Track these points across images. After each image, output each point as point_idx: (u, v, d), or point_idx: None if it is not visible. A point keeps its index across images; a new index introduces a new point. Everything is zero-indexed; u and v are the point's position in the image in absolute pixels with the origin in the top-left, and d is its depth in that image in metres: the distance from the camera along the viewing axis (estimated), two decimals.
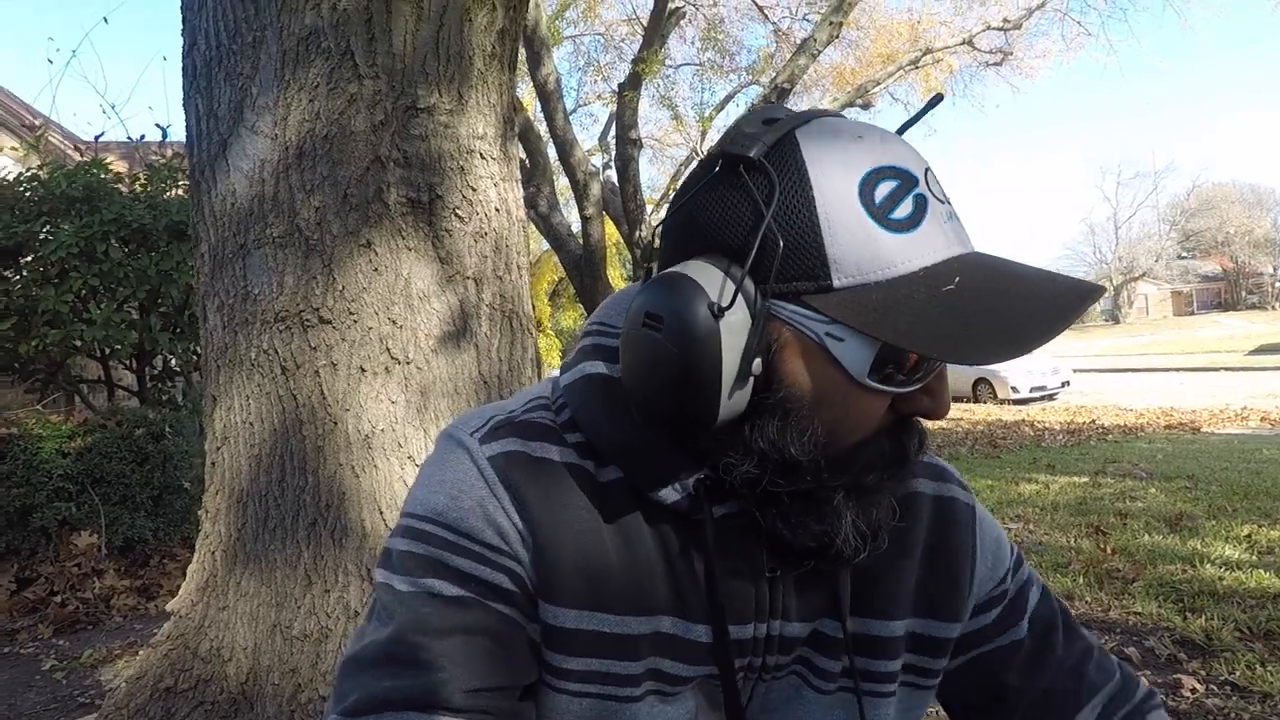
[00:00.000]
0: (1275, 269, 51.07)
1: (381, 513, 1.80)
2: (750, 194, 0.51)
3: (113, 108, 34.46)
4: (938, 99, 0.60)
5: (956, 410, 12.58)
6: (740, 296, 0.51)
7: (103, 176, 4.87)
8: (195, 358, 5.18)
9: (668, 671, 0.59)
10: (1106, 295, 52.37)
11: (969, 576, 0.67)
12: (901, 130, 0.58)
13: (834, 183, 0.50)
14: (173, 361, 5.53)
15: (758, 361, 0.52)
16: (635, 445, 0.58)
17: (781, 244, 0.50)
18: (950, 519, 0.67)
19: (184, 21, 1.93)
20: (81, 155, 6.52)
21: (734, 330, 0.51)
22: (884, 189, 0.50)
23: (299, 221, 1.76)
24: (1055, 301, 0.48)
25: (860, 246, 0.49)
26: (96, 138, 6.99)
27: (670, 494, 0.57)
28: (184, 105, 1.93)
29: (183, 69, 1.92)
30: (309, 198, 1.76)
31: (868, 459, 0.54)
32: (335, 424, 1.79)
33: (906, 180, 0.51)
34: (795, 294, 0.51)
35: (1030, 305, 0.48)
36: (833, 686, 0.63)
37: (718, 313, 0.50)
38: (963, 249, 0.52)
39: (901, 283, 0.49)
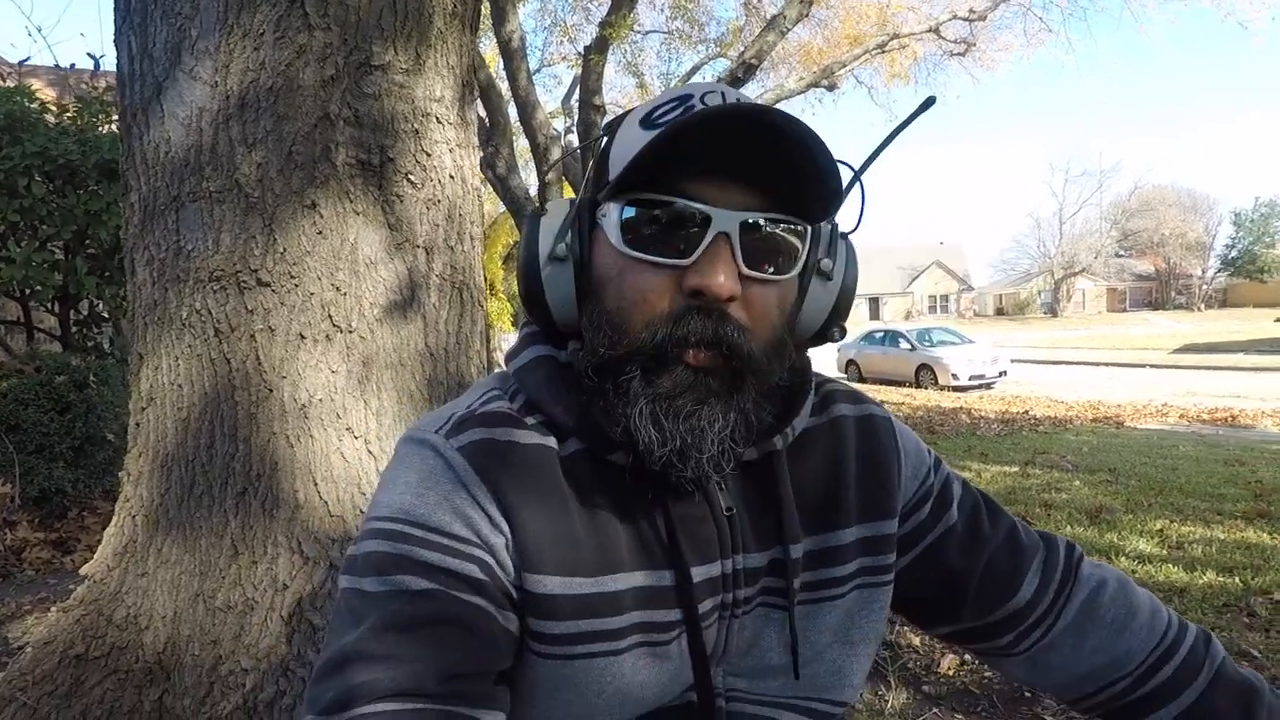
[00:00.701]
0: (1204, 272, 53.55)
1: (316, 485, 1.75)
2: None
3: (39, 31, 31.95)
4: (930, 101, 0.63)
5: (898, 395, 12.90)
6: (567, 205, 0.65)
7: (28, 105, 4.55)
8: (125, 303, 4.94)
9: (651, 621, 0.63)
10: (1046, 289, 54.24)
11: (897, 477, 0.73)
12: (893, 135, 0.63)
13: (631, 119, 0.64)
14: (100, 306, 5.26)
15: (563, 246, 0.63)
16: (586, 415, 0.62)
17: (592, 162, 0.65)
18: (873, 431, 0.74)
19: None
20: (3, 80, 6.08)
21: (552, 225, 0.64)
22: (661, 110, 0.62)
23: (238, 176, 1.66)
24: (703, 115, 0.55)
25: (628, 145, 0.61)
26: (21, 62, 6.52)
27: (622, 456, 0.62)
28: (115, 41, 1.79)
29: (115, 2, 1.78)
30: (250, 152, 1.66)
31: (647, 335, 0.58)
32: (270, 391, 1.71)
33: (681, 99, 0.62)
34: (597, 198, 0.63)
35: (696, 118, 0.55)
36: (795, 602, 0.69)
37: (540, 213, 0.65)
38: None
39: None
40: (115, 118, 4.91)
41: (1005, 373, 15.24)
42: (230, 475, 1.72)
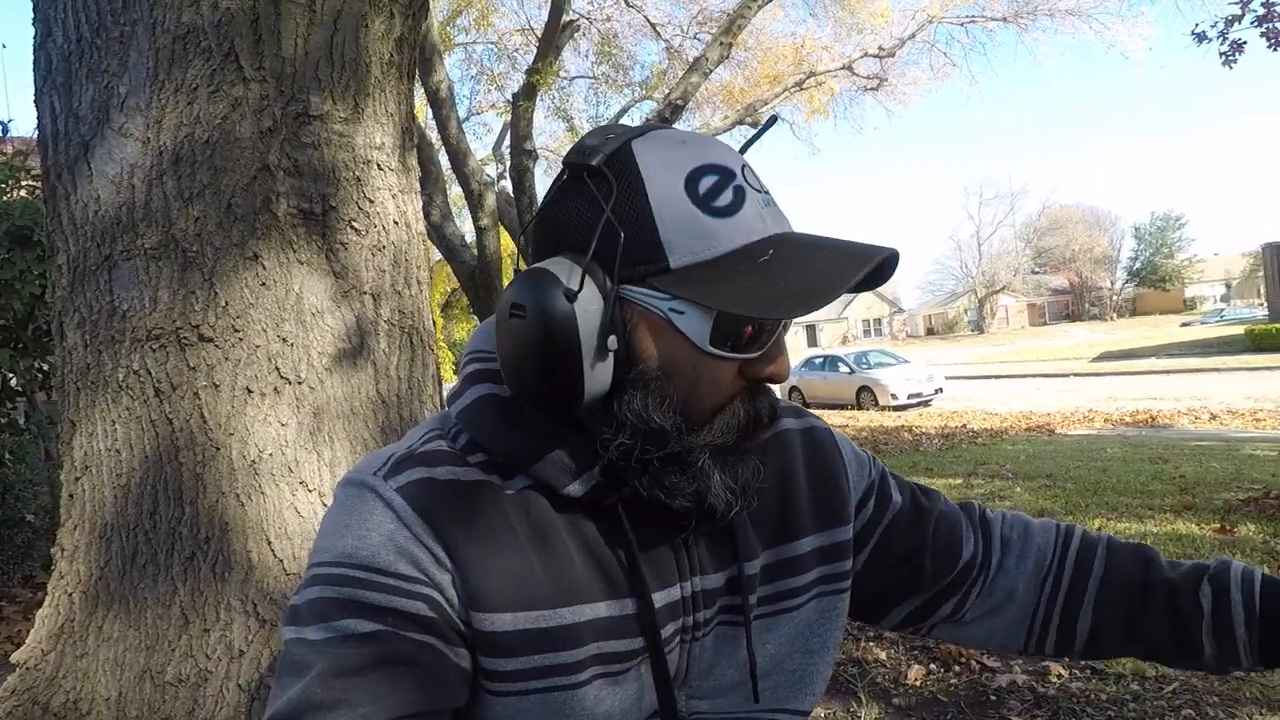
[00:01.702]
0: (1113, 284, 56.79)
1: (270, 543, 1.69)
2: (593, 196, 0.58)
3: None
4: (773, 120, 0.67)
5: (841, 418, 13.18)
6: (592, 282, 0.57)
7: None
8: (41, 376, 4.69)
9: (610, 651, 0.63)
10: (972, 308, 56.62)
11: (846, 483, 0.77)
12: (742, 150, 0.66)
13: (663, 180, 0.58)
14: (13, 381, 4.98)
15: (613, 338, 0.58)
16: (538, 450, 0.62)
17: (622, 235, 0.57)
18: (818, 443, 0.78)
19: (36, 9, 1.75)
20: None
21: (588, 311, 0.57)
22: (706, 182, 0.58)
23: (175, 232, 1.63)
24: (844, 266, 0.56)
25: (689, 231, 0.57)
26: None
27: (578, 488, 0.62)
28: (36, 102, 1.75)
29: (34, 62, 1.74)
30: (187, 207, 1.63)
31: (725, 422, 0.61)
32: (218, 449, 1.66)
33: (725, 174, 0.59)
34: (640, 277, 0.58)
35: (825, 269, 0.56)
36: (752, 617, 0.70)
37: (571, 297, 0.56)
38: (779, 229, 0.60)
39: (725, 259, 0.57)
40: (25, 183, 4.72)
41: (941, 390, 15.74)
42: (177, 540, 1.65)
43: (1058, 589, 0.78)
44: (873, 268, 0.57)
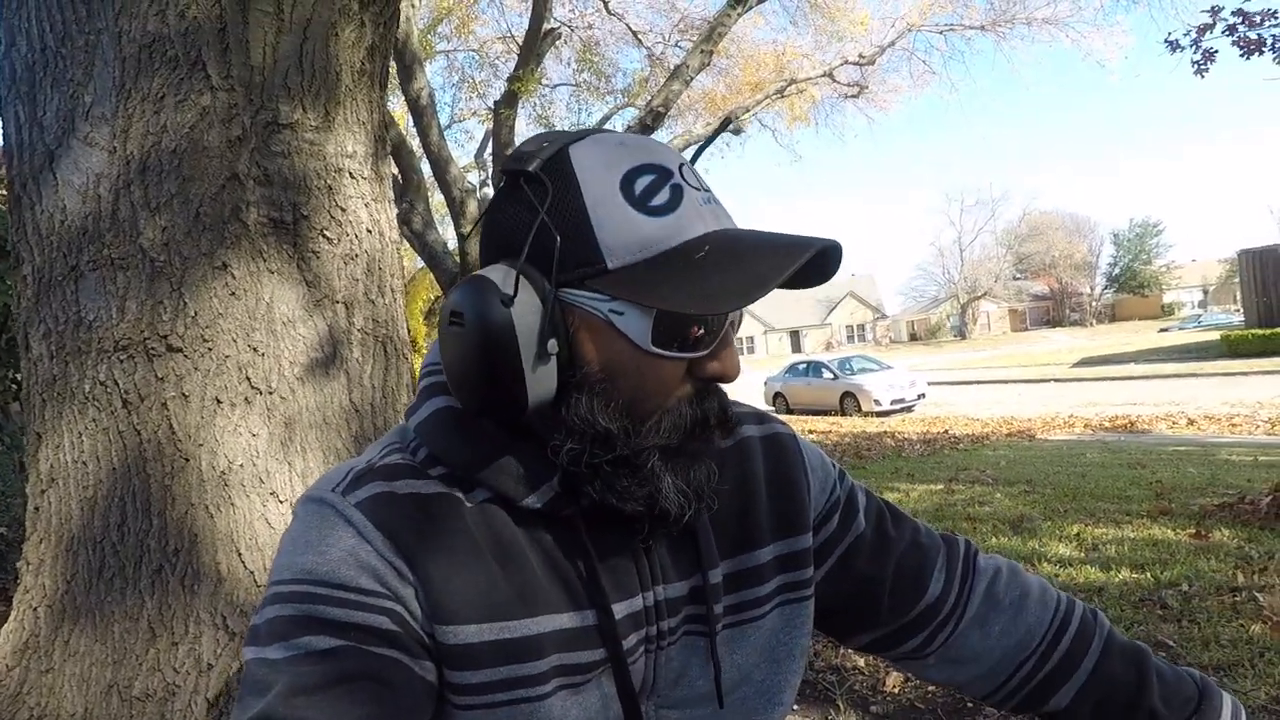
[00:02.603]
0: (1092, 289, 57.54)
1: (240, 554, 1.67)
2: (530, 201, 0.58)
3: None
4: (727, 122, 0.67)
5: (825, 423, 13.23)
6: (530, 286, 0.57)
7: None
8: (14, 387, 4.63)
9: (572, 663, 0.62)
10: (954, 314, 57.15)
11: (806, 492, 0.75)
12: (697, 155, 0.67)
13: (599, 181, 0.58)
14: None
15: (553, 342, 0.57)
16: (495, 462, 0.61)
17: (558, 238, 0.57)
18: (780, 450, 0.76)
19: (0, 19, 1.74)
20: None
21: (526, 316, 0.57)
22: (642, 182, 0.58)
23: (143, 242, 1.61)
24: (780, 258, 0.56)
25: (626, 232, 0.57)
26: None
27: (535, 500, 0.62)
28: (0, 111, 1.73)
29: None
30: (155, 216, 1.61)
31: (673, 423, 0.60)
32: (187, 460, 1.64)
33: (662, 174, 0.59)
34: (579, 280, 0.58)
35: (761, 263, 0.56)
36: (718, 628, 0.69)
37: (507, 303, 0.56)
38: (718, 225, 0.59)
39: (663, 258, 0.57)
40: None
41: (924, 395, 15.84)
42: (145, 553, 1.63)
43: (1037, 672, 0.76)
44: (812, 260, 0.57)
